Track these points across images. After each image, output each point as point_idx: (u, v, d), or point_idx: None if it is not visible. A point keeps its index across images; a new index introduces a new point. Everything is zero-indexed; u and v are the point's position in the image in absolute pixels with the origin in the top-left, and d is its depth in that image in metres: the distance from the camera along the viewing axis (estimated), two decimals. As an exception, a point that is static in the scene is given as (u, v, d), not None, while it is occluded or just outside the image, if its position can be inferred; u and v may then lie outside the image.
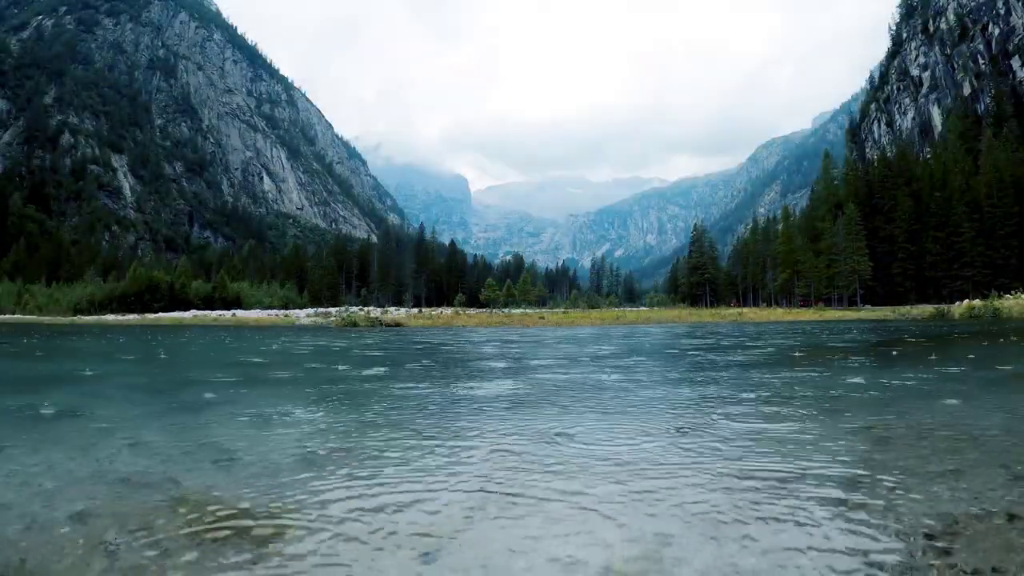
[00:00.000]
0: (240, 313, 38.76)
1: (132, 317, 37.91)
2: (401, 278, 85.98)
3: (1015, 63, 77.56)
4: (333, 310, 38.83)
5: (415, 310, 43.84)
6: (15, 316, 45.82)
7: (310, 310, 43.46)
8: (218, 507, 1.71)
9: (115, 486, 1.95)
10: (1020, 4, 78.30)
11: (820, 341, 11.28)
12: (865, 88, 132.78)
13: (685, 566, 1.31)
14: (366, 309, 38.68)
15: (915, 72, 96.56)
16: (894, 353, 8.26)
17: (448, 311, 39.85)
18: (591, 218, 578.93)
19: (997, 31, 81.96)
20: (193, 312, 41.19)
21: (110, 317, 40.16)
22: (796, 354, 8.13)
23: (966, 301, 26.07)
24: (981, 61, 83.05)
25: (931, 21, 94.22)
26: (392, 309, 41.77)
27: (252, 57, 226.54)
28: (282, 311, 42.88)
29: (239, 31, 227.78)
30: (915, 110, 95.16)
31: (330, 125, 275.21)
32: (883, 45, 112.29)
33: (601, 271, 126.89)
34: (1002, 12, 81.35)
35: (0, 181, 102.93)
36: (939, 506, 1.65)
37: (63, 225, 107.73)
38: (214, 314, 37.52)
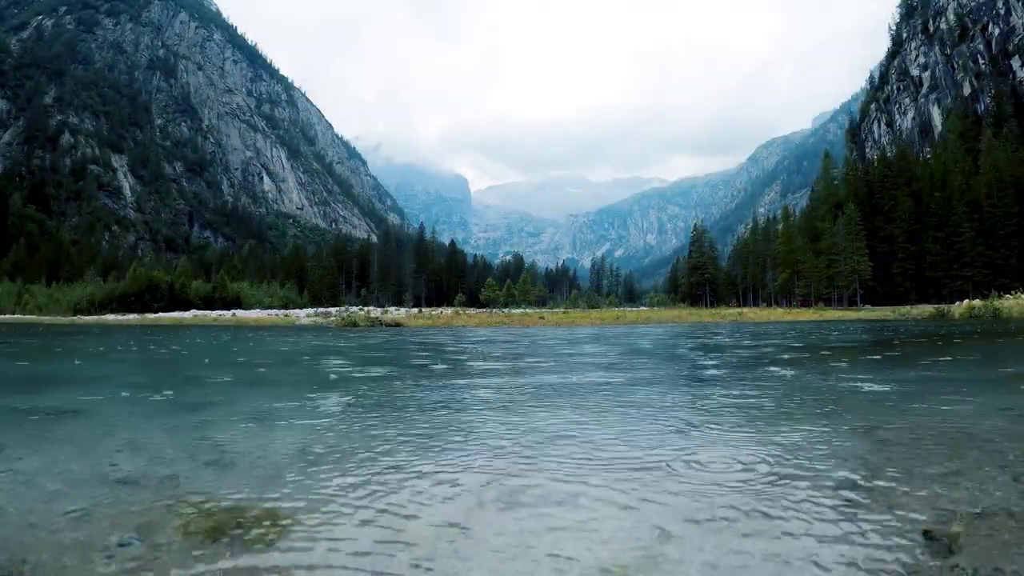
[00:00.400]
0: (240, 313, 38.76)
1: (132, 317, 37.92)
2: (401, 278, 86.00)
3: (1015, 63, 77.57)
4: (333, 310, 38.83)
5: (415, 310, 43.84)
6: (15, 316, 45.83)
7: (310, 310, 43.46)
8: (218, 507, 1.71)
9: (115, 486, 1.95)
10: (1020, 4, 78.32)
11: (820, 341, 11.28)
12: (865, 88, 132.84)
13: (685, 566, 1.30)
14: (366, 309, 38.68)
15: (915, 72, 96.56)
16: (894, 353, 8.26)
17: (448, 311, 39.85)
18: (591, 218, 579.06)
19: (997, 31, 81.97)
20: (193, 312, 41.20)
21: (110, 317, 40.17)
22: (796, 354, 8.13)
23: (966, 301, 26.05)
24: (981, 61, 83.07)
25: (931, 21, 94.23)
26: (392, 309, 41.78)
27: (252, 57, 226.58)
28: (282, 311, 42.88)
29: (239, 31, 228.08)
30: (915, 110, 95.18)
31: (330, 125, 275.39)
32: (883, 45, 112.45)
33: (601, 271, 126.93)
34: (1002, 12, 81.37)
35: (0, 181, 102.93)
36: (939, 506, 1.65)
37: (63, 225, 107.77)
38: (214, 314, 37.53)
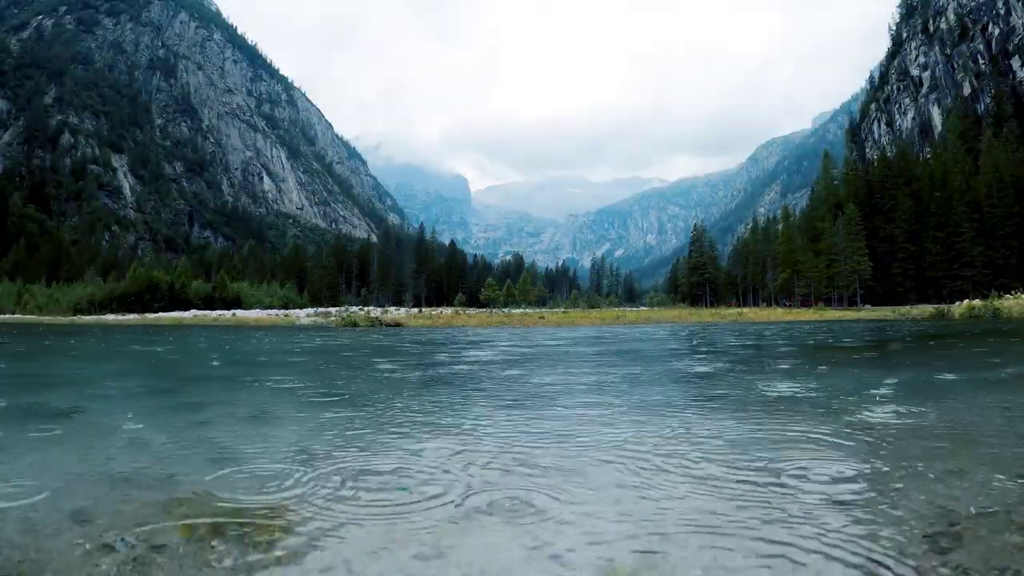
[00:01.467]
0: (240, 313, 38.79)
1: (132, 317, 37.94)
2: (401, 278, 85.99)
3: (1015, 63, 77.57)
4: (333, 310, 38.82)
5: (415, 310, 43.83)
6: (15, 316, 45.86)
7: (310, 310, 43.45)
8: (218, 507, 1.71)
9: (115, 486, 1.95)
10: (1020, 4, 78.31)
11: (819, 341, 11.28)
12: (865, 88, 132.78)
13: (685, 566, 1.30)
14: (366, 309, 38.68)
15: (915, 72, 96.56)
16: (894, 354, 8.26)
17: (448, 311, 39.85)
18: (591, 218, 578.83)
19: (997, 31, 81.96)
20: (193, 312, 41.22)
21: (110, 317, 40.18)
22: (796, 354, 8.13)
23: (966, 301, 26.04)
24: (981, 61, 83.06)
25: (931, 21, 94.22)
26: (392, 309, 41.77)
27: (252, 57, 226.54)
28: (282, 311, 42.89)
29: (239, 31, 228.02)
30: (915, 110, 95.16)
31: (330, 125, 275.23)
32: (883, 45, 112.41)
33: (601, 271, 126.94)
34: (1002, 12, 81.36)
35: (0, 181, 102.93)
36: (939, 506, 1.65)
37: (63, 225, 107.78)
38: (214, 314, 37.55)
